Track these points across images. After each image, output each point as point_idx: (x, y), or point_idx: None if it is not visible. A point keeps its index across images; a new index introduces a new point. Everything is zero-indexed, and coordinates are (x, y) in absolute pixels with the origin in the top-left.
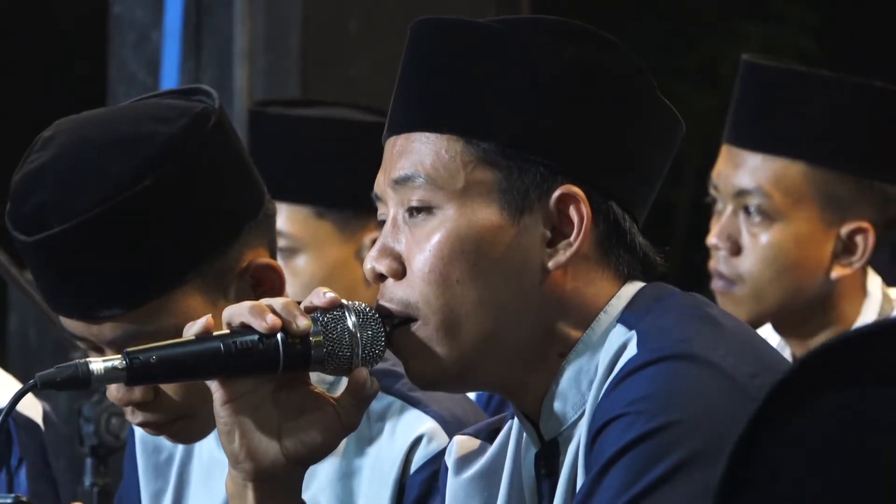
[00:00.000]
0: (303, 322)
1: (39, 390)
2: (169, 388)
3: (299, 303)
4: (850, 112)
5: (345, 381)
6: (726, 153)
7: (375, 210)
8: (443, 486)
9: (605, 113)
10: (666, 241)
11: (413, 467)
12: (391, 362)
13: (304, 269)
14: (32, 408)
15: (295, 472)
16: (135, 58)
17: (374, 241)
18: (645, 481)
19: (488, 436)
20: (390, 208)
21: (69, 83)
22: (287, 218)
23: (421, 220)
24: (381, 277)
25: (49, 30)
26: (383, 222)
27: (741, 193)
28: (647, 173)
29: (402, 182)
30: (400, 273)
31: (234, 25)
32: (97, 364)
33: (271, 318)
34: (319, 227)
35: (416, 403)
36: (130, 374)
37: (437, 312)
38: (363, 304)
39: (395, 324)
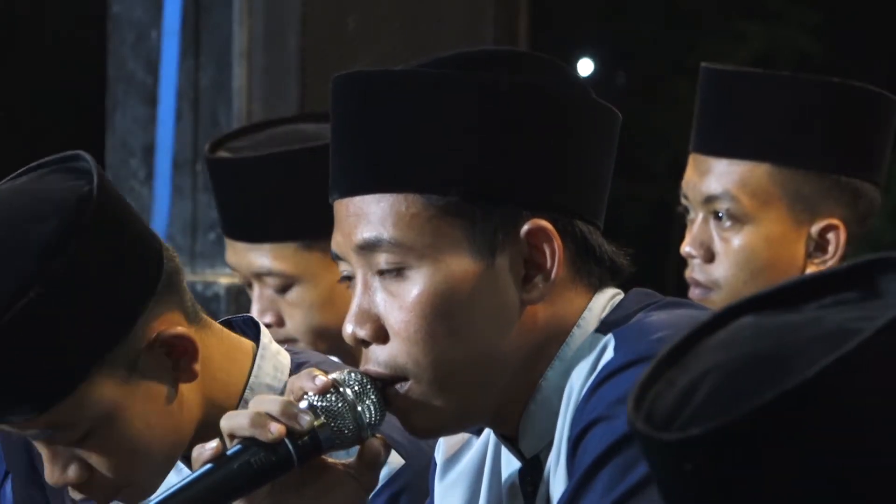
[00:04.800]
0: (305, 419)
1: None
2: (102, 467)
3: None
4: (810, 110)
5: None
6: (693, 162)
7: None
8: (431, 484)
9: (552, 136)
10: (665, 241)
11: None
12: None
13: (302, 300)
14: None
15: None
16: (134, 56)
17: None
18: (628, 482)
19: (476, 429)
20: (357, 270)
21: (68, 82)
22: (273, 257)
23: (394, 279)
24: (362, 342)
25: (48, 29)
26: (347, 277)
27: (710, 199)
28: (601, 180)
29: (367, 247)
30: (383, 336)
31: (232, 24)
32: None
33: (276, 428)
34: (309, 259)
35: None
36: None
37: (427, 370)
38: (354, 374)
39: (389, 385)
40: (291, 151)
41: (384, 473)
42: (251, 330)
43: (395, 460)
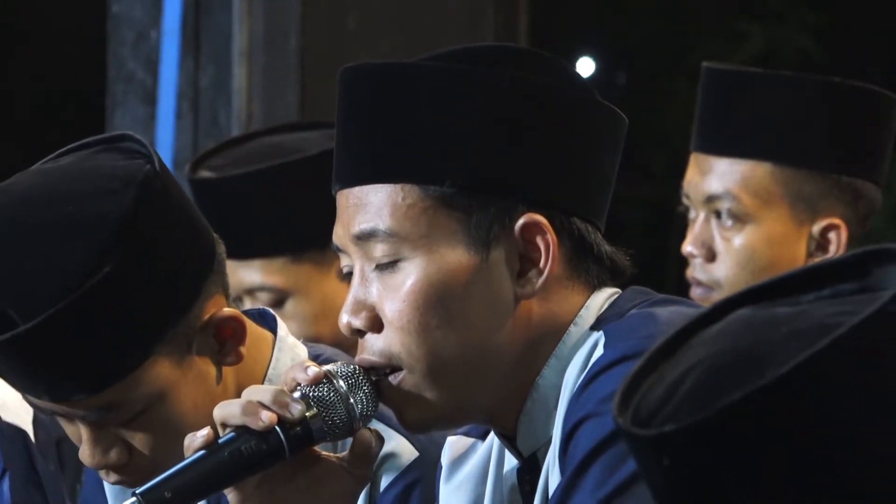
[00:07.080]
0: (296, 408)
1: None
2: (144, 448)
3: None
4: (811, 110)
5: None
6: (694, 161)
7: None
8: (437, 486)
9: (552, 133)
10: (665, 241)
11: (382, 485)
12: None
13: (297, 312)
14: (20, 412)
15: None
16: (133, 56)
17: None
18: (617, 478)
19: (481, 433)
20: (355, 261)
21: (68, 82)
22: (264, 272)
23: (389, 271)
24: (357, 332)
25: (48, 28)
26: (348, 274)
27: (711, 199)
28: (602, 181)
29: (363, 237)
30: (377, 326)
31: (232, 24)
32: None
33: (267, 416)
34: (300, 271)
35: (381, 418)
36: None
37: (420, 361)
38: (347, 365)
39: (382, 376)
40: (273, 167)
41: (398, 465)
42: (267, 321)
43: (408, 452)
